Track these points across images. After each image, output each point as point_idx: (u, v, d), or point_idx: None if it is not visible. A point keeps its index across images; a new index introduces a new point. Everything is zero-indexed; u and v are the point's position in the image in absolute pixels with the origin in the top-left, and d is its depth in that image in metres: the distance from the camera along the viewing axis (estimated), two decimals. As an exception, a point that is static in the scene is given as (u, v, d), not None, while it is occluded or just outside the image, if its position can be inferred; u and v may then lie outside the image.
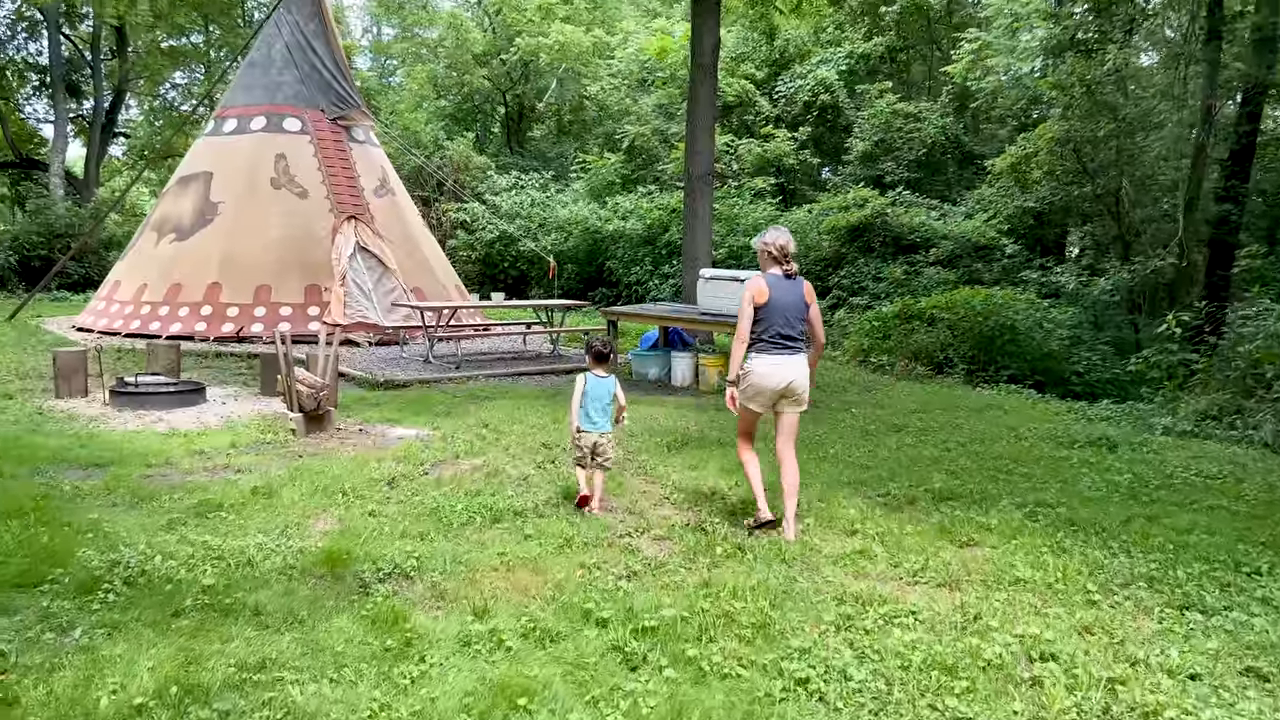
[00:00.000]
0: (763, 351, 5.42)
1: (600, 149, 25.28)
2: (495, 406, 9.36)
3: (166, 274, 14.17)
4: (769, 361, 5.41)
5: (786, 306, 5.39)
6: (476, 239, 22.35)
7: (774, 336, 5.39)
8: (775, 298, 5.37)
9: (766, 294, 5.37)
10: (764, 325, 5.39)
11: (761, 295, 5.37)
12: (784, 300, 5.39)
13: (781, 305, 5.38)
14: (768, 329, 5.39)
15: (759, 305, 5.38)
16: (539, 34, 26.05)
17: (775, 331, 5.39)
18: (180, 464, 6.76)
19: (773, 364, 5.41)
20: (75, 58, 25.47)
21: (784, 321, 5.38)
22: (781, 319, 5.38)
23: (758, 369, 5.44)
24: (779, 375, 5.42)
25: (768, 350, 5.41)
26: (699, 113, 12.59)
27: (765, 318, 5.38)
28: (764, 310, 5.38)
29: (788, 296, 5.41)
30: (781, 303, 5.38)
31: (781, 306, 5.38)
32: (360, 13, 39.91)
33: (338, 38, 16.10)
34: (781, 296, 5.39)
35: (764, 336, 5.41)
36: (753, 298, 5.38)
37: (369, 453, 7.24)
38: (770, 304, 5.37)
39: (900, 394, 11.16)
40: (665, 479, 6.68)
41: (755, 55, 24.12)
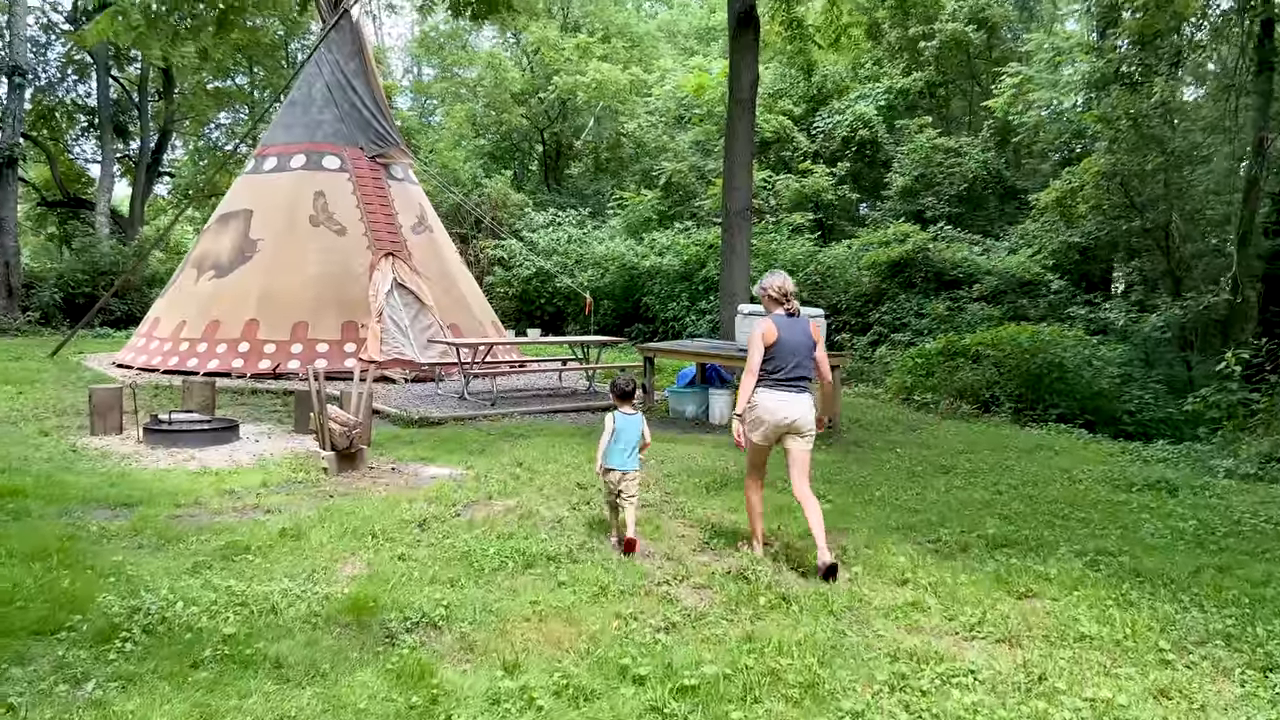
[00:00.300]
0: (771, 388, 5.58)
1: (637, 186, 25.28)
2: (530, 445, 9.18)
3: (205, 311, 14.23)
4: (776, 398, 5.57)
5: (795, 346, 5.57)
6: (514, 275, 22.36)
7: (783, 375, 5.57)
8: (784, 338, 5.54)
9: (776, 334, 5.54)
10: (774, 364, 5.56)
11: (771, 335, 5.53)
12: (792, 340, 5.56)
13: (790, 345, 5.55)
14: (778, 368, 5.56)
15: (769, 345, 5.54)
16: (576, 73, 26.22)
17: (785, 370, 5.56)
18: (209, 504, 6.63)
19: (779, 400, 5.57)
20: (123, 99, 26.03)
21: (793, 361, 5.56)
22: (791, 358, 5.55)
23: (764, 403, 5.60)
24: (783, 411, 5.57)
25: (776, 388, 5.58)
26: (737, 148, 12.46)
27: (776, 356, 5.55)
28: (774, 350, 5.55)
29: (796, 336, 5.58)
30: (790, 342, 5.55)
31: (790, 346, 5.55)
32: (401, 54, 40.61)
33: (377, 77, 16.24)
34: (790, 336, 5.56)
35: (774, 375, 5.58)
36: (763, 340, 5.54)
37: (401, 493, 7.07)
38: (780, 344, 5.53)
39: (946, 433, 10.83)
40: (704, 522, 6.44)
41: (793, 91, 24.04)
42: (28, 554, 5.18)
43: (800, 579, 5.30)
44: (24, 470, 7.38)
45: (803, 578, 5.33)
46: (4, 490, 6.59)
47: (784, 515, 6.61)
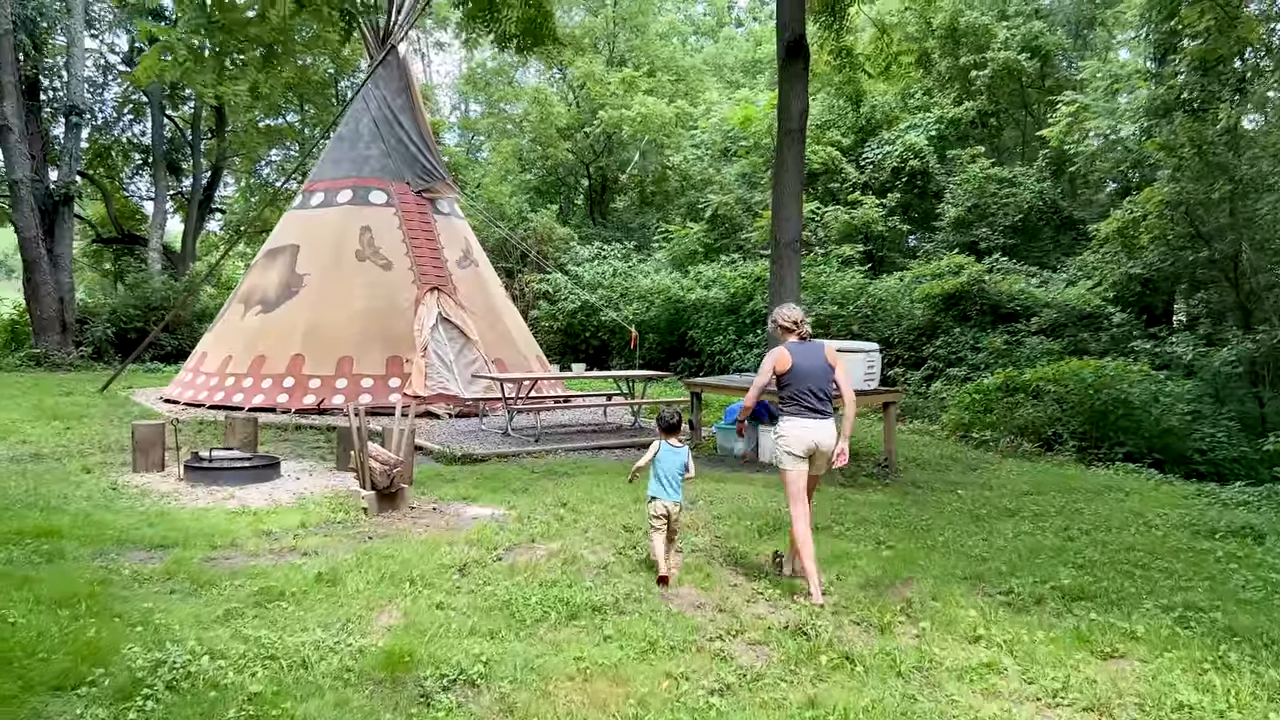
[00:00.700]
0: (794, 415, 5.66)
1: (683, 218, 25.11)
2: (574, 484, 8.91)
3: (251, 346, 14.23)
4: (799, 425, 5.64)
5: (812, 370, 5.63)
6: (559, 309, 22.23)
7: (804, 401, 5.63)
8: (798, 363, 5.62)
9: (789, 360, 5.62)
10: (793, 390, 5.63)
11: (784, 362, 5.63)
12: (807, 365, 5.64)
13: (806, 370, 5.62)
14: (797, 394, 5.63)
15: (783, 373, 5.62)
16: (622, 107, 26.22)
17: (805, 396, 5.62)
18: (246, 545, 6.44)
19: (802, 427, 5.63)
20: (176, 137, 26.56)
21: (812, 385, 5.62)
22: (809, 383, 5.61)
23: (789, 432, 5.66)
24: (809, 438, 5.63)
25: (799, 414, 5.64)
26: (786, 179, 12.18)
27: (793, 383, 5.63)
28: (790, 376, 5.62)
29: (811, 360, 5.65)
30: (805, 367, 5.63)
31: (806, 371, 5.62)
32: (449, 90, 41.08)
33: (423, 112, 16.28)
34: (804, 361, 5.64)
35: (795, 401, 5.64)
36: (775, 367, 5.65)
37: (441, 535, 6.83)
38: (795, 370, 5.61)
39: (1008, 473, 10.36)
40: (757, 570, 6.10)
41: (841, 122, 23.77)
42: (56, 599, 5.00)
43: (864, 634, 4.94)
44: (63, 509, 7.27)
45: (866, 633, 4.97)
46: (40, 531, 6.46)
47: (842, 563, 6.25)
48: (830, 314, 17.46)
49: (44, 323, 19.70)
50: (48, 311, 19.68)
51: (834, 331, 17.08)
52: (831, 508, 8.08)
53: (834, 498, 8.60)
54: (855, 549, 6.64)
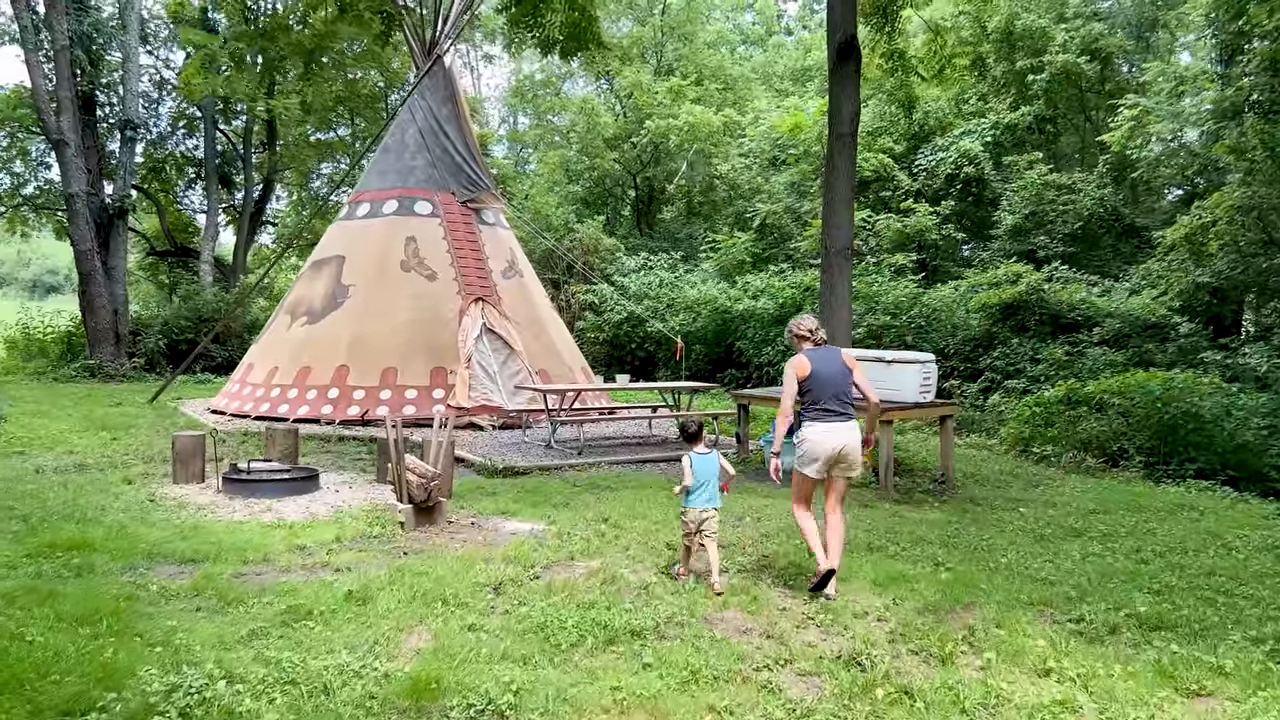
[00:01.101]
0: (816, 420, 5.71)
1: (730, 228, 24.79)
2: (616, 498, 8.64)
3: (297, 357, 14.20)
4: (822, 429, 5.68)
5: (831, 375, 5.74)
6: (604, 320, 22.01)
7: (825, 405, 5.70)
8: (817, 369, 5.73)
9: (808, 367, 5.73)
10: (814, 395, 5.72)
11: (804, 369, 5.72)
12: (826, 370, 5.74)
13: (825, 375, 5.73)
14: (818, 399, 5.71)
15: (804, 379, 5.72)
16: (669, 116, 26.00)
17: (826, 400, 5.70)
18: (278, 560, 6.26)
19: (826, 430, 5.67)
20: (228, 151, 26.91)
21: (832, 390, 5.71)
22: (830, 387, 5.71)
23: (811, 436, 5.70)
24: (833, 441, 5.66)
25: (821, 418, 5.70)
26: (838, 185, 11.83)
27: (814, 388, 5.72)
28: (810, 382, 5.71)
29: (829, 366, 5.76)
30: (824, 373, 5.73)
31: (826, 376, 5.73)
32: (498, 104, 41.28)
33: (469, 122, 16.19)
34: (823, 367, 5.74)
35: (816, 406, 5.72)
36: (796, 374, 5.73)
37: (478, 551, 6.59)
38: (814, 376, 5.71)
39: (1072, 490, 9.87)
40: (808, 592, 5.76)
41: (893, 129, 23.30)
42: (78, 617, 4.84)
43: (924, 665, 4.59)
44: (98, 521, 7.17)
45: (926, 664, 4.61)
46: (73, 544, 6.36)
47: (899, 585, 5.89)
48: (883, 324, 17.01)
49: (98, 334, 19.97)
50: (102, 323, 19.96)
51: (887, 342, 16.64)
52: (886, 526, 7.71)
53: (889, 515, 8.22)
54: (912, 570, 6.27)
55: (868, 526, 7.68)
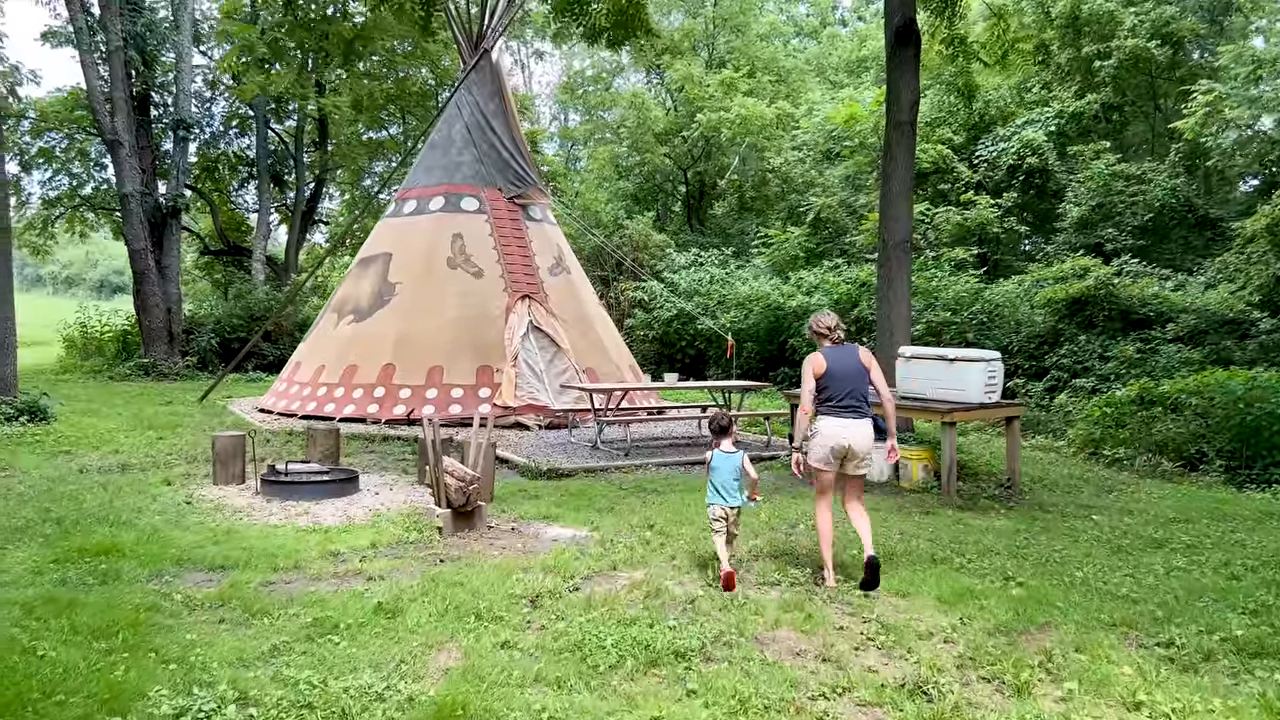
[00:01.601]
0: (829, 415, 5.89)
1: (783, 223, 24.26)
2: (663, 503, 8.28)
3: (344, 355, 14.08)
4: (835, 424, 5.87)
5: (846, 372, 5.90)
6: (654, 318, 21.65)
7: (839, 402, 5.87)
8: (833, 367, 5.88)
9: (824, 365, 5.88)
10: (829, 392, 5.89)
11: (820, 367, 5.88)
12: (841, 367, 5.90)
13: (840, 372, 5.89)
14: (832, 395, 5.88)
15: (819, 376, 5.88)
16: (721, 109, 25.53)
17: (838, 398, 5.87)
18: (310, 567, 6.02)
19: (838, 425, 5.86)
20: (280, 150, 27.06)
21: (847, 387, 5.88)
22: (844, 385, 5.88)
23: (823, 430, 5.89)
24: (843, 435, 5.84)
25: (834, 414, 5.88)
26: (896, 175, 11.33)
27: (829, 385, 5.89)
28: (826, 379, 5.88)
29: (845, 363, 5.91)
30: (839, 370, 5.89)
31: (840, 373, 5.88)
32: (549, 101, 41.15)
33: (516, 117, 15.94)
34: (838, 365, 5.90)
35: (830, 402, 5.89)
36: (813, 371, 5.89)
37: (516, 559, 6.28)
38: (830, 373, 5.87)
39: (1149, 496, 9.28)
40: (867, 609, 5.35)
41: (952, 119, 22.58)
42: (95, 629, 4.62)
43: (997, 695, 4.16)
44: (132, 524, 7.01)
45: (1000, 693, 4.18)
46: (103, 548, 6.18)
47: (966, 602, 5.45)
48: (943, 320, 16.40)
49: (152, 333, 20.15)
50: (156, 322, 20.13)
51: (947, 339, 16.04)
52: (950, 535, 7.25)
53: (952, 522, 7.75)
54: (980, 585, 5.82)
55: (930, 535, 7.23)
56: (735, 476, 5.90)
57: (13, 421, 11.82)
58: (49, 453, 10.52)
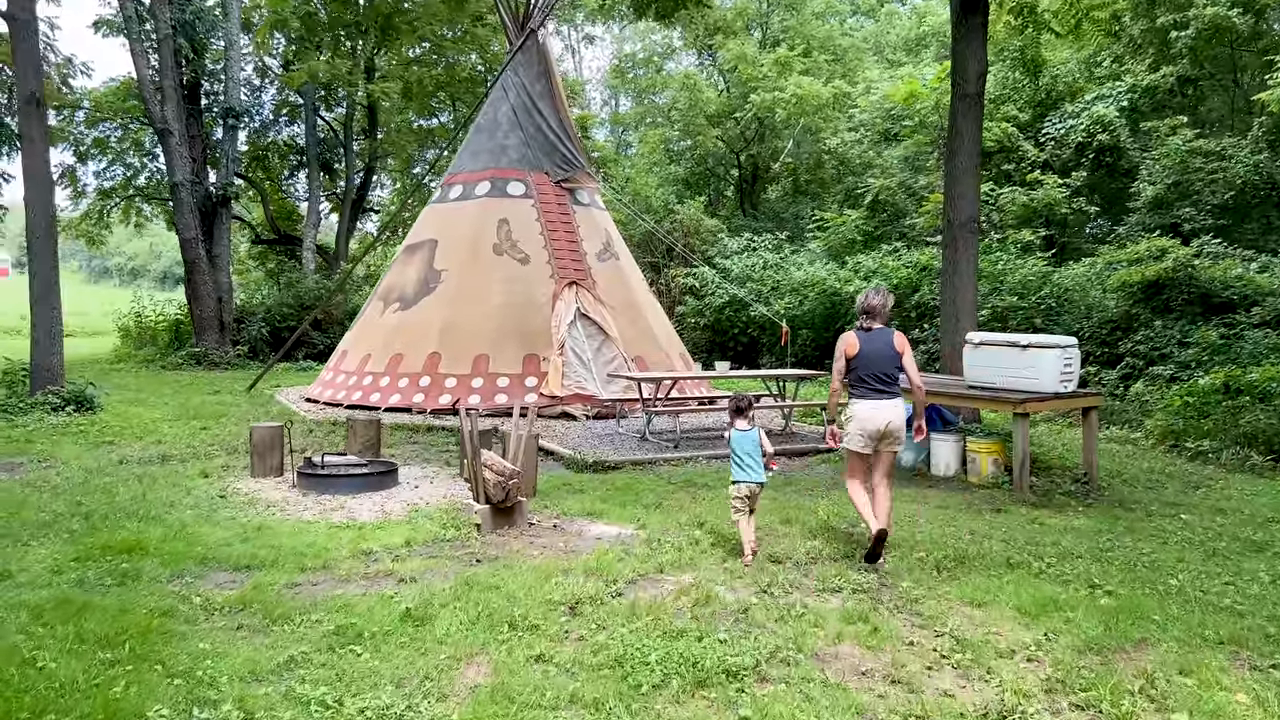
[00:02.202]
0: (862, 397, 6.03)
1: (839, 205, 23.53)
2: (714, 498, 7.83)
3: (389, 344, 13.84)
4: (869, 406, 6.01)
5: (876, 356, 6.01)
6: (705, 305, 21.13)
7: (870, 383, 6.01)
8: (863, 350, 6.02)
9: (857, 346, 6.03)
10: (859, 373, 6.02)
11: (852, 348, 6.04)
12: (872, 352, 6.02)
13: (869, 356, 6.01)
14: (861, 378, 6.02)
15: (851, 356, 6.03)
16: (775, 89, 24.83)
17: (869, 380, 6.01)
18: (339, 568, 5.69)
19: (872, 408, 6.01)
20: (330, 138, 26.98)
21: (874, 370, 5.99)
22: (871, 368, 6.00)
23: (859, 413, 6.03)
24: (879, 417, 5.99)
25: (866, 395, 6.02)
26: (961, 151, 10.69)
27: (859, 366, 6.02)
28: (856, 360, 6.02)
29: (875, 348, 6.03)
30: (869, 354, 6.01)
31: (869, 357, 6.01)
32: (600, 86, 40.72)
33: (564, 99, 15.52)
34: (868, 349, 6.02)
35: (861, 384, 6.03)
36: (845, 351, 6.05)
37: (556, 560, 5.89)
38: (861, 355, 6.01)
39: (1240, 493, 8.59)
40: (939, 620, 4.85)
41: (1018, 95, 21.65)
42: (103, 638, 4.32)
43: (1094, 730, 3.64)
44: (161, 519, 6.76)
45: (1097, 727, 3.67)
46: (127, 546, 5.93)
47: (1050, 614, 4.92)
48: (1009, 305, 15.66)
49: (203, 322, 20.18)
50: (207, 311, 20.15)
51: (1013, 325, 15.31)
52: (1026, 536, 6.69)
53: (1026, 521, 7.19)
54: (1064, 594, 5.28)
55: (1004, 535, 6.68)
56: (756, 452, 6.03)
57: (59, 411, 11.75)
58: (91, 443, 10.41)
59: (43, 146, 11.90)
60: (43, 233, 11.99)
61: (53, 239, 12.10)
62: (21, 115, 11.84)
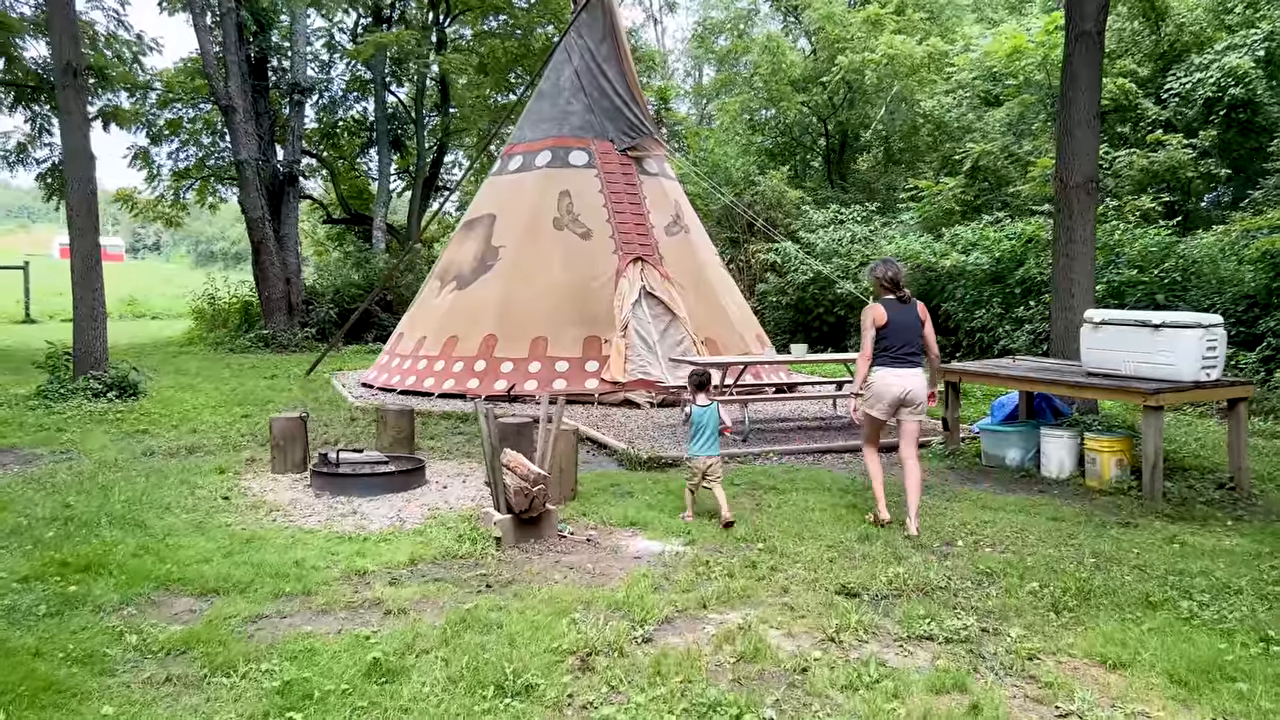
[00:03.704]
0: (886, 365, 6.06)
1: (935, 173, 21.82)
2: (782, 505, 6.71)
3: (445, 326, 13.03)
4: (892, 374, 6.03)
5: (904, 327, 6.06)
6: (788, 282, 19.78)
7: (895, 353, 6.03)
8: (893, 320, 6.04)
9: (885, 317, 6.04)
10: (885, 344, 6.04)
11: (881, 318, 6.04)
12: (901, 322, 6.06)
13: (899, 326, 6.05)
14: (889, 347, 6.04)
15: (880, 327, 6.02)
16: (865, 49, 23.16)
17: (896, 349, 6.03)
18: (320, 593, 4.79)
19: (895, 375, 6.03)
20: (401, 115, 26.36)
21: (903, 340, 6.04)
22: (901, 338, 6.04)
23: (881, 380, 6.06)
24: (900, 385, 6.01)
25: (890, 364, 6.05)
26: (1078, 100, 9.22)
27: (886, 337, 6.04)
28: (884, 331, 6.03)
29: (904, 319, 6.07)
30: (899, 324, 6.05)
31: (899, 327, 6.04)
32: (682, 58, 39.41)
33: (631, 60, 14.40)
34: (898, 319, 6.05)
35: (886, 353, 6.05)
36: (874, 321, 6.04)
37: (579, 588, 4.88)
38: (890, 326, 6.03)
39: None
40: (1062, 691, 3.65)
41: (1136, 48, 19.61)
42: (-14, 696, 3.46)
43: None
44: (145, 527, 5.99)
45: None
46: (85, 563, 5.16)
47: (1211, 679, 3.67)
48: (1127, 280, 13.97)
49: (272, 304, 19.78)
50: (275, 293, 19.75)
51: (1131, 302, 13.65)
52: (1165, 561, 5.38)
53: (1163, 541, 5.85)
54: (1229, 653, 4.01)
55: (1137, 560, 5.39)
56: (715, 428, 6.34)
57: (100, 397, 11.26)
58: (124, 432, 9.83)
59: (80, 119, 11.37)
60: (83, 211, 11.48)
61: (93, 217, 11.59)
62: (59, 87, 11.32)
